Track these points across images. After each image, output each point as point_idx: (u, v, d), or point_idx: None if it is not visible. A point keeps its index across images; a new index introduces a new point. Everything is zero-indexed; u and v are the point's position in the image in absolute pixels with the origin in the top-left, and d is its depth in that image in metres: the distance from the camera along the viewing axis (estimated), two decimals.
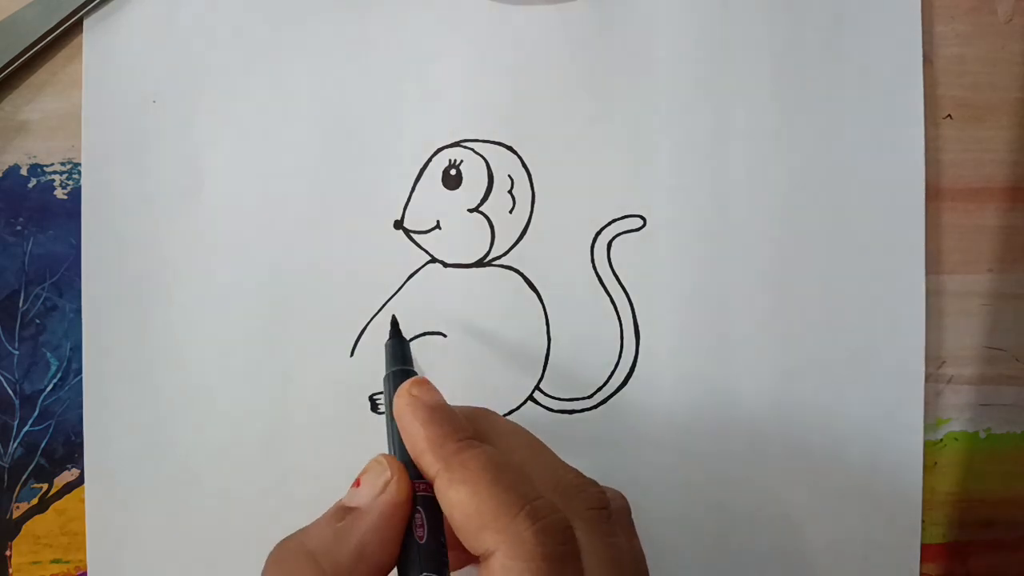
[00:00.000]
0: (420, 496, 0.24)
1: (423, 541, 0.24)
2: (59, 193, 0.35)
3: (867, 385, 0.35)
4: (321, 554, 0.23)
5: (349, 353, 0.35)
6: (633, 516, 0.27)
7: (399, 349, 0.30)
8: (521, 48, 0.36)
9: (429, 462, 0.24)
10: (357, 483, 0.25)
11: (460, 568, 0.26)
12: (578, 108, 0.36)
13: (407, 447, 0.25)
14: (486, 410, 0.28)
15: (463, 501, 0.23)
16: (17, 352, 0.35)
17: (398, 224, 0.35)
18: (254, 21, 0.35)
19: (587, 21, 0.36)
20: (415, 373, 0.29)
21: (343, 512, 0.24)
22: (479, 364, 0.35)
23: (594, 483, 0.26)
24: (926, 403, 0.35)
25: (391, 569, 0.24)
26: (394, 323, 0.32)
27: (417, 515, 0.24)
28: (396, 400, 0.26)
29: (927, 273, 0.35)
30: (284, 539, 0.24)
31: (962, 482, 0.36)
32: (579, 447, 0.35)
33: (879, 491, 0.35)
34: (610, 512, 0.25)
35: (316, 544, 0.24)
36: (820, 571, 0.35)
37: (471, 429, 0.26)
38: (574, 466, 0.26)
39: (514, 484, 0.23)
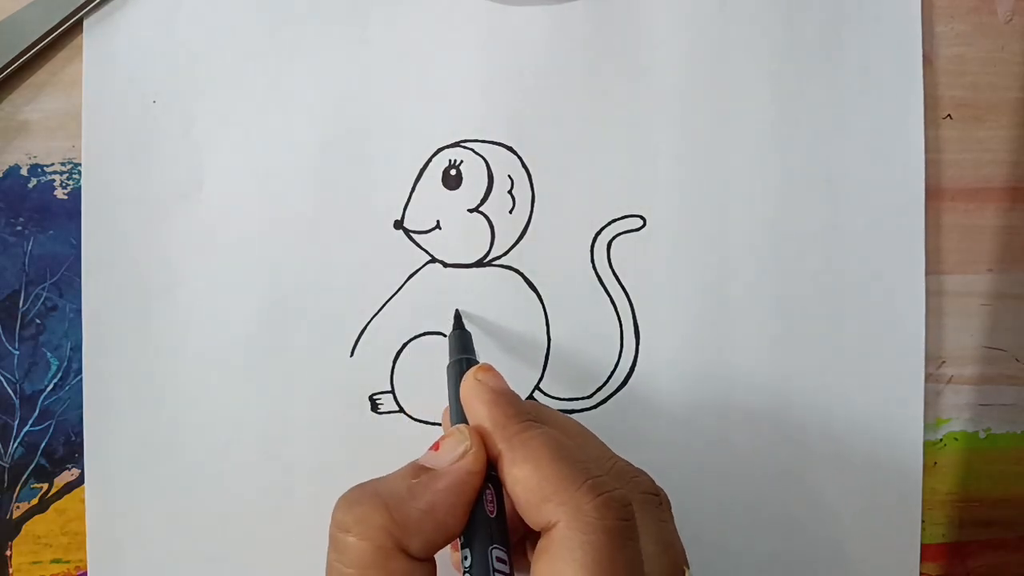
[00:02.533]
0: (492, 475, 0.25)
1: (493, 516, 0.24)
2: (59, 193, 0.35)
3: (867, 385, 0.35)
4: (393, 503, 0.24)
5: (349, 353, 0.35)
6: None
7: (463, 340, 0.32)
8: (521, 48, 0.36)
9: (493, 442, 0.25)
10: (436, 446, 0.25)
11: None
12: (578, 108, 0.36)
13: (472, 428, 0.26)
14: (542, 404, 0.29)
15: (526, 476, 0.24)
16: (17, 352, 0.35)
17: (398, 224, 0.35)
18: (254, 21, 0.35)
19: (587, 21, 0.36)
20: (476, 361, 0.30)
21: (419, 471, 0.25)
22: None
23: (645, 472, 0.27)
24: (926, 403, 0.35)
25: (454, 537, 0.24)
26: (457, 315, 0.34)
27: (488, 491, 0.25)
28: (463, 384, 0.27)
29: (927, 273, 0.35)
30: (357, 484, 0.25)
31: (962, 482, 0.36)
32: None
33: (879, 491, 0.35)
34: (660, 499, 0.26)
35: (389, 494, 0.24)
36: (820, 571, 0.35)
37: (533, 412, 0.26)
38: (640, 468, 0.27)
39: (575, 460, 0.24)
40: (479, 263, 0.35)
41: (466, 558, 0.24)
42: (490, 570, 0.23)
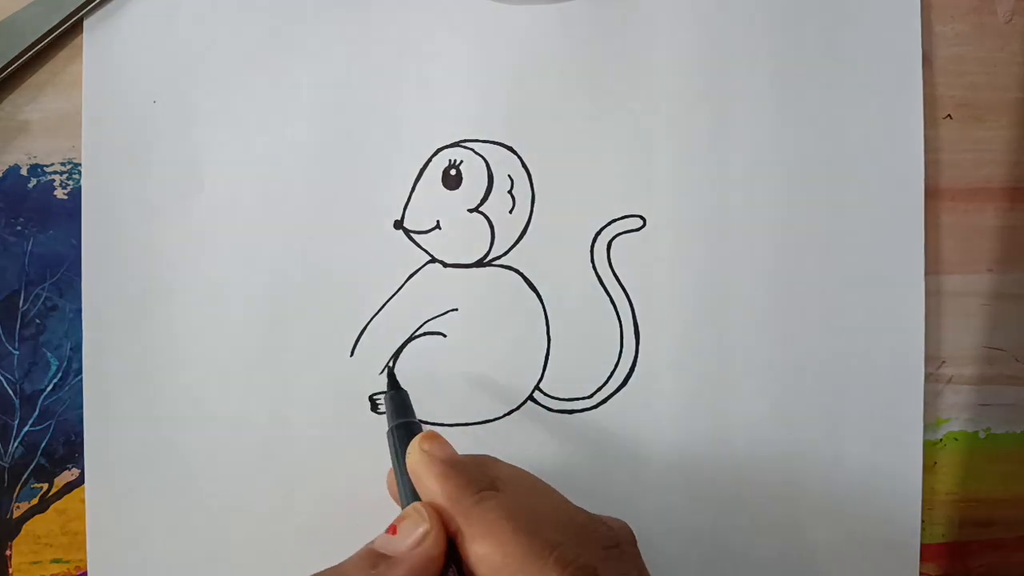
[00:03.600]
0: (451, 551, 0.24)
1: None
2: (59, 193, 0.35)
3: (867, 385, 0.35)
4: None
5: (349, 353, 0.35)
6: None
7: (400, 400, 0.30)
8: (521, 48, 0.36)
9: (449, 517, 0.24)
10: (392, 530, 0.25)
11: None
12: (578, 108, 0.36)
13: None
14: (488, 456, 0.28)
15: (488, 553, 0.23)
16: (17, 352, 0.35)
17: (398, 224, 0.35)
18: (254, 21, 0.35)
19: (587, 21, 0.36)
20: (419, 425, 0.29)
21: (376, 558, 0.24)
22: (479, 364, 0.35)
23: (602, 521, 0.26)
24: (926, 403, 0.35)
25: None
26: (391, 375, 0.32)
27: (450, 571, 0.24)
28: (410, 457, 0.26)
29: (927, 273, 0.35)
30: (313, 575, 0.24)
31: (962, 482, 0.36)
32: (579, 447, 0.35)
33: (879, 491, 0.35)
34: (622, 550, 0.25)
35: None
36: (820, 571, 0.35)
37: (486, 479, 0.26)
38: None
39: (536, 530, 0.24)
40: (479, 263, 0.35)
41: None
42: None
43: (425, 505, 0.25)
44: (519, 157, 0.35)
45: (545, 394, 0.35)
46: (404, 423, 0.29)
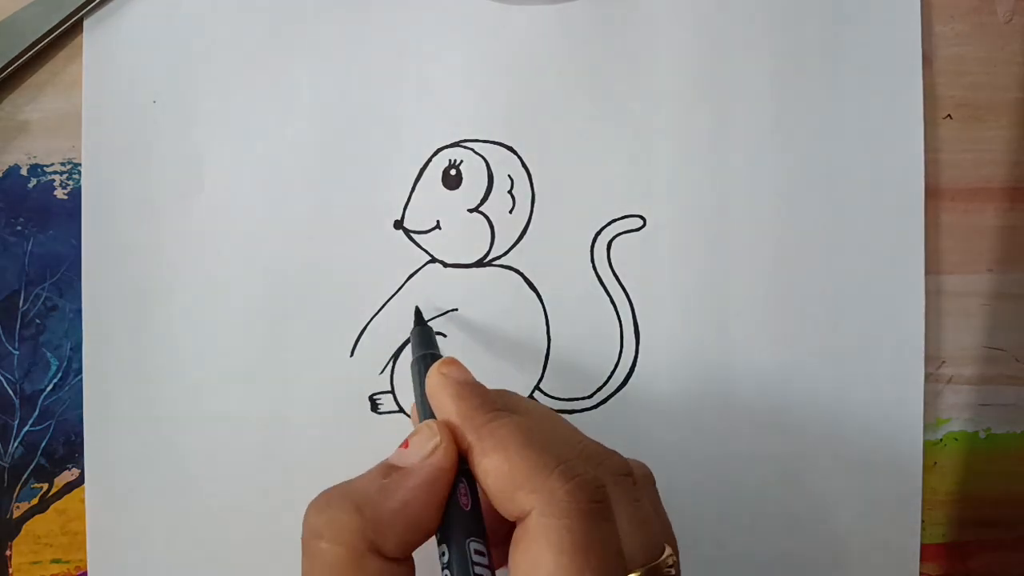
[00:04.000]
0: (464, 468, 0.25)
1: (468, 509, 0.24)
2: (59, 193, 0.35)
3: (867, 385, 0.35)
4: (364, 505, 0.23)
5: (349, 353, 0.35)
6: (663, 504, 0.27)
7: (425, 335, 0.31)
8: (521, 48, 0.36)
9: (462, 435, 0.25)
10: (405, 444, 0.25)
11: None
12: (578, 108, 0.36)
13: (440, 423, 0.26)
14: (508, 391, 0.28)
15: (497, 466, 0.23)
16: (17, 352, 0.35)
17: (398, 224, 0.35)
18: (254, 21, 0.35)
19: (587, 21, 0.36)
20: (440, 356, 0.29)
21: (389, 470, 0.25)
22: (479, 364, 0.35)
23: (616, 452, 0.26)
24: (926, 403, 0.35)
25: (429, 534, 0.24)
26: (417, 312, 0.33)
27: (461, 485, 0.24)
28: (428, 380, 0.27)
29: (927, 273, 0.35)
30: (328, 488, 0.25)
31: (962, 482, 0.36)
32: None
33: (879, 491, 0.35)
34: (635, 478, 0.25)
35: (360, 495, 0.24)
36: (820, 571, 0.35)
37: (500, 402, 0.26)
38: (611, 448, 0.26)
39: (545, 446, 0.24)
40: (479, 263, 0.35)
41: (444, 554, 0.24)
42: (469, 563, 0.23)
43: (437, 421, 0.25)
44: (519, 157, 0.35)
45: (545, 394, 0.35)
46: (427, 354, 0.29)
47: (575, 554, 0.22)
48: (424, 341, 0.31)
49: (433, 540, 0.24)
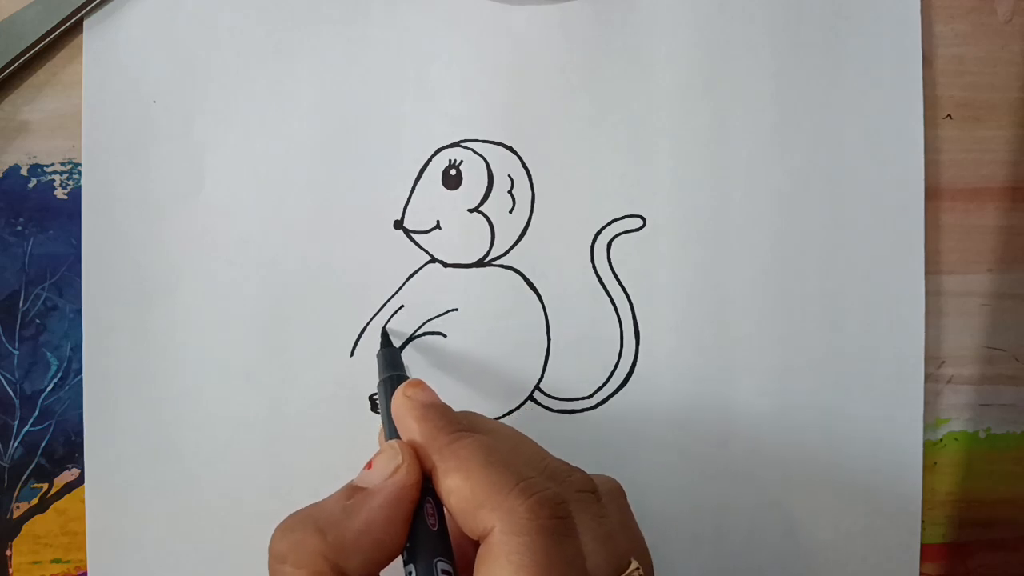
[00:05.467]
0: (431, 488, 0.25)
1: (435, 529, 0.24)
2: (59, 193, 0.35)
3: (867, 385, 0.35)
4: (328, 527, 0.24)
5: (349, 353, 0.35)
6: (634, 517, 0.27)
7: (390, 357, 0.32)
8: (521, 48, 0.36)
9: (426, 455, 0.25)
10: (369, 465, 0.25)
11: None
12: (578, 108, 0.36)
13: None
14: (474, 412, 0.28)
15: (459, 485, 0.24)
16: (17, 352, 0.35)
17: (398, 224, 0.35)
18: (254, 21, 0.35)
19: (587, 21, 0.36)
20: (407, 377, 0.29)
21: (353, 491, 0.25)
22: (479, 364, 0.35)
23: (580, 470, 0.26)
24: (926, 403, 0.35)
25: (395, 554, 0.24)
26: (384, 334, 0.33)
27: (428, 505, 0.25)
28: (393, 401, 0.27)
29: (927, 273, 0.35)
30: (293, 512, 0.25)
31: (962, 482, 0.36)
32: (579, 447, 0.35)
33: (879, 491, 0.35)
34: (599, 495, 0.25)
35: (324, 518, 0.24)
36: (820, 571, 0.35)
37: (465, 422, 0.26)
38: (575, 466, 0.26)
39: (507, 465, 0.24)
40: (479, 263, 0.35)
41: (410, 573, 0.24)
42: None
43: (400, 441, 0.26)
44: (519, 157, 0.35)
45: (545, 394, 0.35)
46: (394, 375, 0.30)
47: (536, 570, 0.22)
48: (390, 363, 0.31)
49: (400, 561, 0.24)
